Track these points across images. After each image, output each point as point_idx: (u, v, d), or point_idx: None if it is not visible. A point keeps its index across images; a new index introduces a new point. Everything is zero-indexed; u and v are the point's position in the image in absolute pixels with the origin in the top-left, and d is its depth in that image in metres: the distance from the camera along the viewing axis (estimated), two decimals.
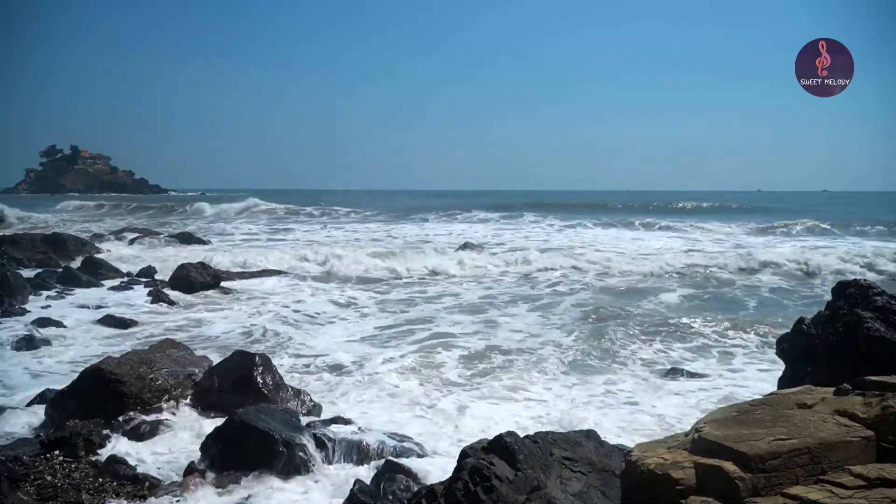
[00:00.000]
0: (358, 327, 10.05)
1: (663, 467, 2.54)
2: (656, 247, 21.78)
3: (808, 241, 23.78)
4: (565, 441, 4.02)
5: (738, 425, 2.69)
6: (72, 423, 5.14)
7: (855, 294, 5.33)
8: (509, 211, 41.41)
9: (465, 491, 3.42)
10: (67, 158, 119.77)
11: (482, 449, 3.72)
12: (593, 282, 13.61)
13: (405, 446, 5.14)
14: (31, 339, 8.22)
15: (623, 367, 7.77)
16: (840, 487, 2.29)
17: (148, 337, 8.93)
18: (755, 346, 8.68)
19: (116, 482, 4.38)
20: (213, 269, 13.34)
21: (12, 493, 3.84)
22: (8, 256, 15.76)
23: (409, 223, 33.98)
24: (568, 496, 3.58)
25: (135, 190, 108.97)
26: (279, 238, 26.01)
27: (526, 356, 8.10)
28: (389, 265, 15.89)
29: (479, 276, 14.79)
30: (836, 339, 5.05)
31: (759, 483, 2.35)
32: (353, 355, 8.20)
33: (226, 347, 8.17)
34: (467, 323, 10.21)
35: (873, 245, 19.66)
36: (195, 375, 6.00)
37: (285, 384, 5.94)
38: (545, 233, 28.19)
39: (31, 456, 4.70)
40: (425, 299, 12.29)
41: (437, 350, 8.37)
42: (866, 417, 2.65)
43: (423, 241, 24.26)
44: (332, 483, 4.56)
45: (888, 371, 3.22)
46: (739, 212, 44.75)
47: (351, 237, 26.15)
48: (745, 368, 7.78)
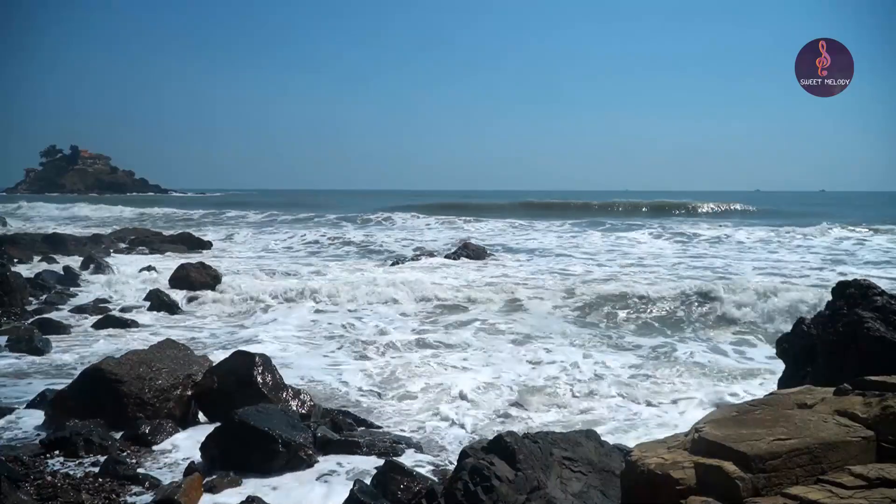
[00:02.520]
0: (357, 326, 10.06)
1: (663, 467, 2.54)
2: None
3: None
4: (565, 441, 4.03)
5: (738, 425, 2.69)
6: (72, 423, 5.13)
7: (855, 294, 5.33)
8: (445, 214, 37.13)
9: (465, 491, 3.42)
10: (67, 158, 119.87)
11: (482, 449, 3.72)
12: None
13: (405, 446, 5.14)
14: (31, 340, 8.21)
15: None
16: (840, 487, 2.29)
17: (148, 337, 8.93)
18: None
19: (116, 482, 4.38)
20: (213, 270, 13.35)
21: (12, 493, 3.83)
22: (8, 256, 15.76)
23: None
24: (568, 496, 3.58)
25: (135, 190, 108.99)
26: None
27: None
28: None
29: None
30: (836, 339, 5.05)
31: (759, 483, 2.35)
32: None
33: (226, 347, 8.17)
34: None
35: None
36: (195, 375, 5.99)
37: (285, 384, 5.93)
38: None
39: (31, 456, 4.70)
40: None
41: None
42: (866, 417, 2.65)
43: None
44: (332, 483, 4.56)
45: (888, 371, 3.22)
46: (775, 215, 40.27)
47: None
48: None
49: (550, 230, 28.57)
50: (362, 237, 25.00)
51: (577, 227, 30.04)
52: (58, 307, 11.09)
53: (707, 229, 26.71)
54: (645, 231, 26.40)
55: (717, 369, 7.77)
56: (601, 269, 15.81)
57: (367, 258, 19.59)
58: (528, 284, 12.79)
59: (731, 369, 7.78)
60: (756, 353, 8.44)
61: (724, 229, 26.56)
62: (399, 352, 8.45)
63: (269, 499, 4.20)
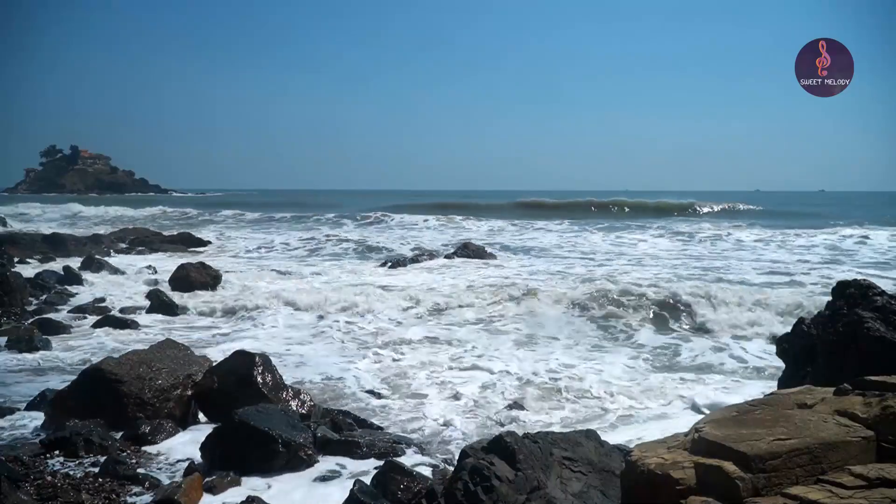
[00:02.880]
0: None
1: (663, 467, 2.54)
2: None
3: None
4: (565, 441, 4.03)
5: (738, 425, 2.69)
6: (72, 423, 5.13)
7: (855, 294, 5.34)
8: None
9: (465, 491, 3.42)
10: (67, 158, 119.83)
11: (482, 449, 3.72)
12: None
13: (405, 446, 5.14)
14: (31, 340, 8.21)
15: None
16: (840, 487, 2.29)
17: (148, 337, 8.93)
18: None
19: (116, 482, 4.38)
20: (212, 270, 13.35)
21: (12, 493, 3.83)
22: (8, 256, 15.77)
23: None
24: (568, 496, 3.58)
25: (135, 190, 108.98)
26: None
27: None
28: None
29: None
30: (836, 339, 5.05)
31: (759, 483, 2.35)
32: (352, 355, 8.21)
33: (226, 347, 8.17)
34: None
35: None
36: (195, 375, 5.99)
37: (285, 384, 5.93)
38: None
39: (31, 456, 4.69)
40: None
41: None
42: (866, 417, 2.65)
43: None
44: (332, 483, 4.56)
45: (888, 371, 3.22)
46: (776, 215, 39.20)
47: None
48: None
49: (550, 230, 28.57)
50: (362, 237, 24.99)
51: (577, 226, 30.03)
52: (58, 307, 11.09)
53: (708, 229, 26.72)
54: (646, 231, 26.40)
55: (718, 369, 7.77)
56: (601, 269, 15.80)
57: (366, 258, 19.59)
58: (529, 284, 12.78)
59: (731, 369, 7.78)
60: (756, 353, 8.44)
61: (726, 229, 26.59)
62: (398, 352, 8.44)
63: (268, 499, 4.20)
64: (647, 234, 24.90)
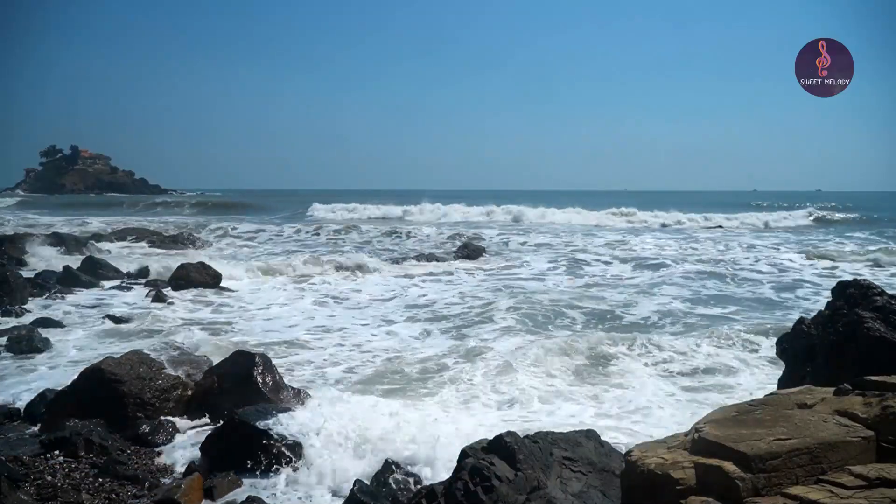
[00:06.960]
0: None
1: (663, 467, 2.54)
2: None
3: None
4: (565, 441, 4.03)
5: (738, 425, 2.69)
6: (72, 423, 5.13)
7: (855, 294, 5.34)
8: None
9: (465, 491, 3.42)
10: (67, 158, 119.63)
11: (482, 449, 3.72)
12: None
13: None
14: (31, 340, 8.21)
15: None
16: (840, 487, 2.29)
17: (148, 337, 8.92)
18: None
19: (116, 482, 4.38)
20: (212, 269, 13.35)
21: (12, 493, 3.84)
22: (8, 256, 15.76)
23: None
24: (568, 496, 3.58)
25: (135, 190, 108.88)
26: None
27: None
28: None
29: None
30: (836, 339, 5.05)
31: (759, 483, 2.35)
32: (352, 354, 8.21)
33: (226, 347, 8.16)
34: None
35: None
36: (195, 375, 5.99)
37: (285, 384, 5.93)
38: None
39: (31, 456, 4.69)
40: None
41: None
42: (866, 417, 2.65)
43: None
44: (332, 483, 4.55)
45: (888, 371, 3.22)
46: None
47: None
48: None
49: (550, 230, 28.56)
50: (361, 236, 24.98)
51: (577, 226, 30.03)
52: (57, 307, 11.08)
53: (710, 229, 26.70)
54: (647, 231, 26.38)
55: (718, 369, 7.76)
56: (601, 269, 15.81)
57: (365, 258, 19.55)
58: (529, 284, 12.78)
59: (731, 369, 7.77)
60: (756, 352, 8.42)
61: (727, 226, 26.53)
62: (398, 352, 8.44)
63: (268, 499, 4.20)
64: (649, 235, 24.80)
